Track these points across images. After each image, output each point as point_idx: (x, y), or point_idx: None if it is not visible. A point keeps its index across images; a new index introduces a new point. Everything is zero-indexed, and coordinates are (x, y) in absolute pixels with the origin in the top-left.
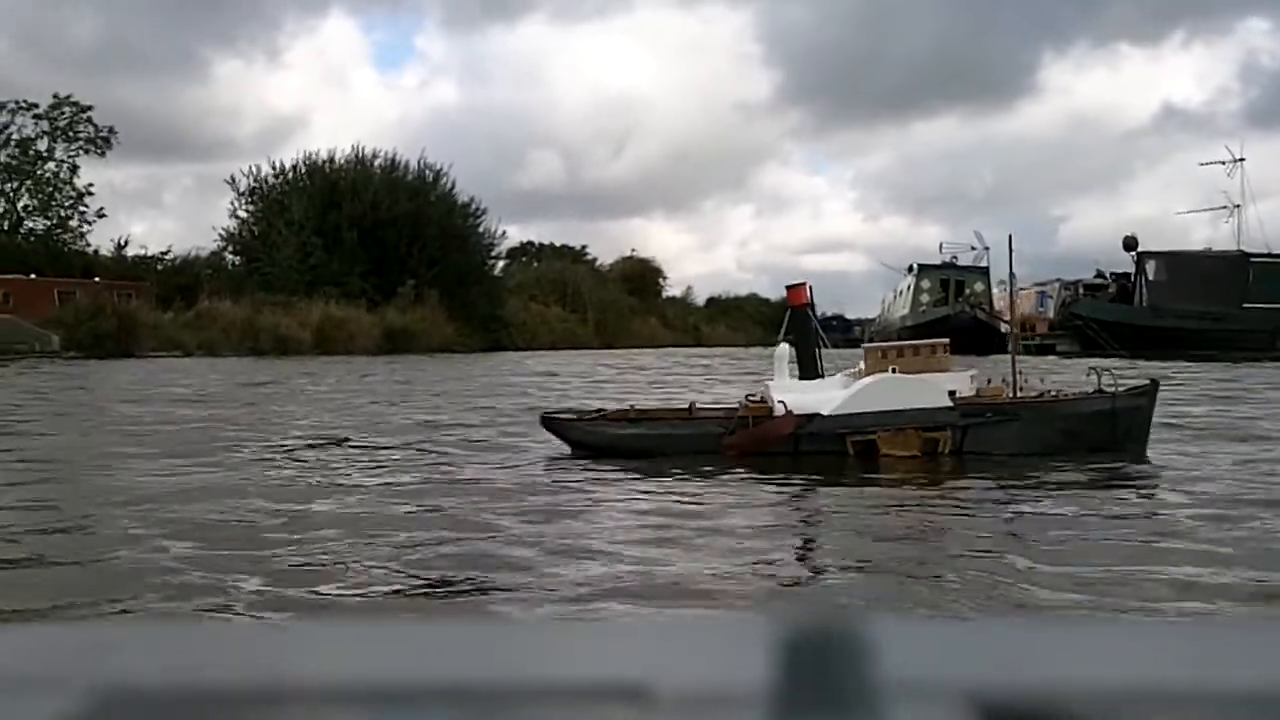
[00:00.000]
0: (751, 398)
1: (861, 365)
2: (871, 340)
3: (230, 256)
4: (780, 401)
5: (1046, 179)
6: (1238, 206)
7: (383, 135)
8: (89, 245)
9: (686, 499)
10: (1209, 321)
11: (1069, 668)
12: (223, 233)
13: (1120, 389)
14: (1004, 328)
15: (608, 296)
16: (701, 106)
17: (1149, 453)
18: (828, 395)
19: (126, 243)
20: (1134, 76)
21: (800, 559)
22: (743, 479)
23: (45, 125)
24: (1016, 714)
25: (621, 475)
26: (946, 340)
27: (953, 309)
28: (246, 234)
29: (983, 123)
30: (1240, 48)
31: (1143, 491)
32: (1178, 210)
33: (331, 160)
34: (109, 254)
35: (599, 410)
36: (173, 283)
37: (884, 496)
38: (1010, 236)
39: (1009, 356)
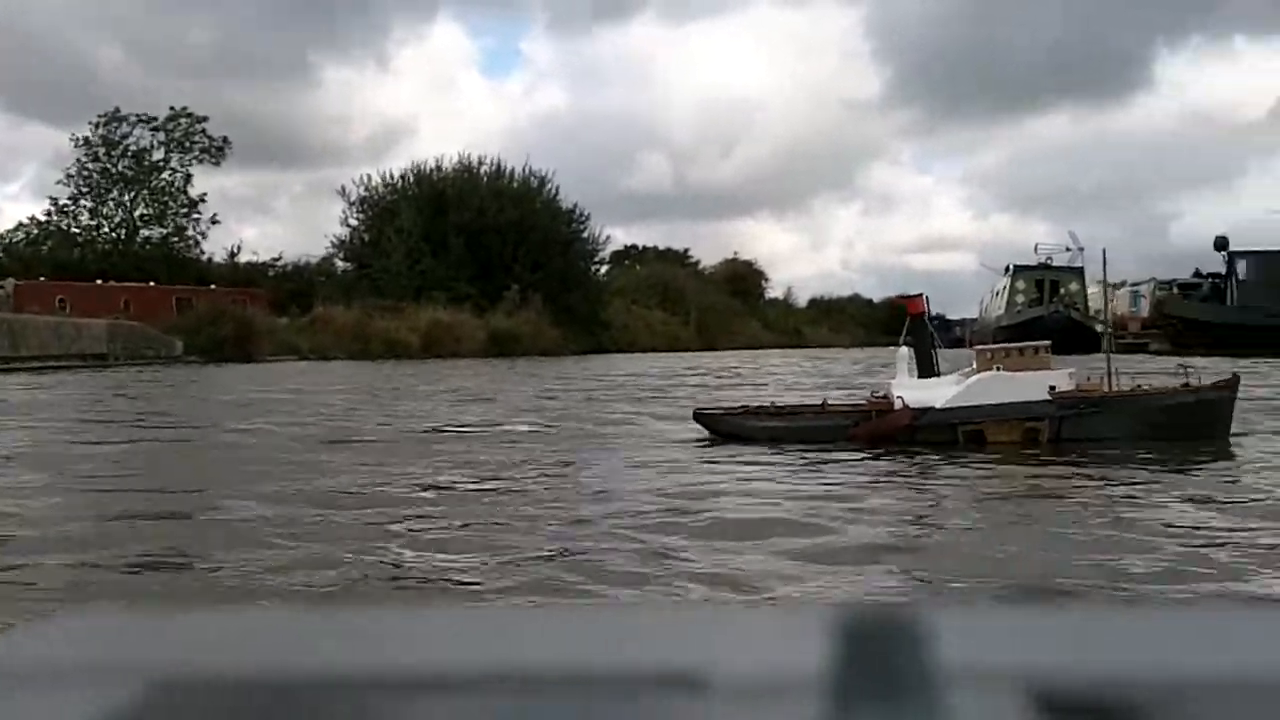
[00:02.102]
0: (876, 394)
1: (974, 364)
2: (970, 339)
3: (340, 263)
4: (899, 397)
5: (1158, 175)
6: None
7: (489, 140)
8: (203, 253)
9: (824, 479)
10: None
11: (1131, 655)
12: (334, 240)
13: (1204, 383)
14: (1098, 328)
15: (709, 299)
16: (810, 105)
17: (1232, 441)
18: (941, 391)
19: (239, 250)
20: (1249, 70)
21: (908, 526)
22: (865, 460)
23: (161, 136)
24: (1077, 702)
25: (765, 459)
26: (1049, 342)
27: (1047, 309)
28: (357, 241)
29: (1095, 119)
30: None
31: (1218, 474)
32: (1270, 209)
33: (439, 168)
34: (222, 261)
35: (743, 405)
36: (284, 288)
37: (987, 479)
38: (1104, 250)
39: (1104, 355)
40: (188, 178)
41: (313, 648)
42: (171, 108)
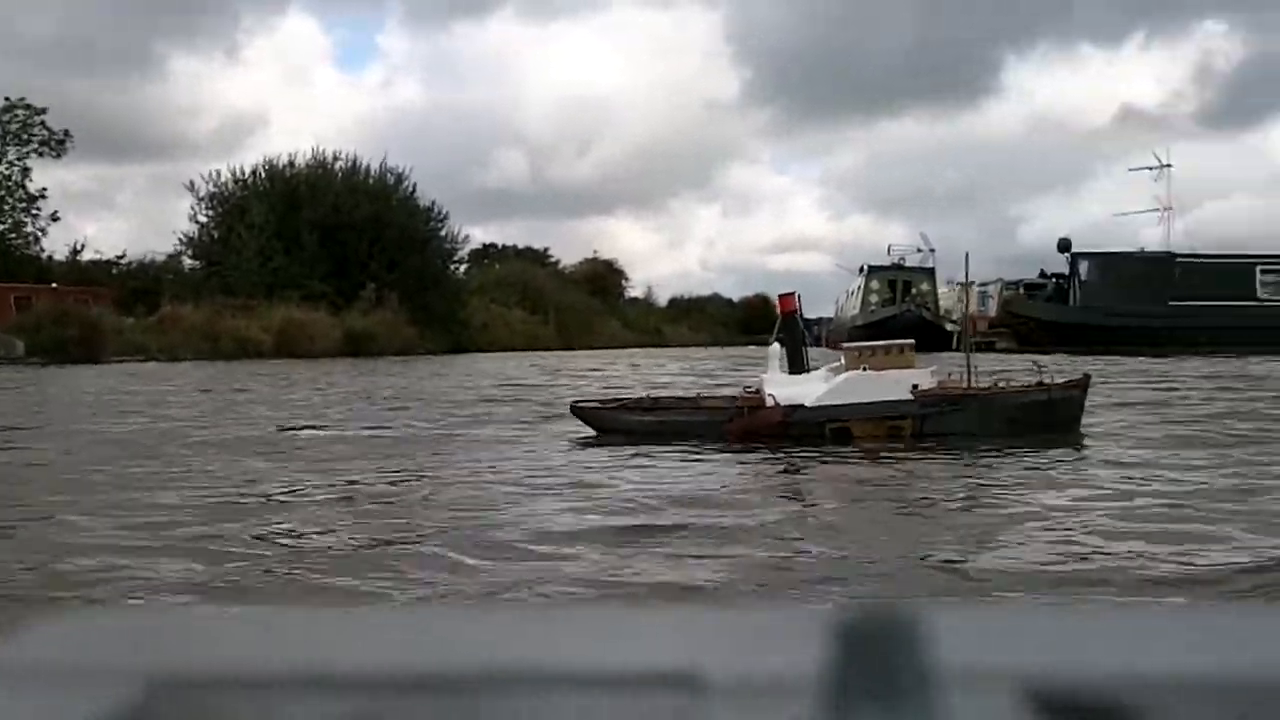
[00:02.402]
0: (748, 390)
1: (841, 362)
2: (827, 338)
3: (189, 260)
4: (770, 394)
5: (1008, 179)
6: (1169, 210)
7: (344, 134)
8: (43, 250)
9: (695, 473)
10: (1136, 319)
11: (1126, 654)
12: (182, 237)
13: (1057, 382)
14: (949, 326)
15: (569, 298)
16: (670, 105)
17: (1082, 435)
18: (810, 389)
19: (82, 247)
20: (1096, 77)
21: (776, 509)
22: (738, 455)
23: None
24: (1073, 701)
25: (640, 452)
26: (912, 341)
27: (899, 309)
28: (206, 238)
29: (948, 123)
30: (1197, 50)
31: (1070, 465)
32: (1115, 213)
33: (292, 164)
34: (64, 258)
35: (619, 400)
36: (129, 286)
37: (854, 472)
38: (967, 255)
39: (957, 354)
40: (25, 171)
41: (310, 646)
42: (6, 98)
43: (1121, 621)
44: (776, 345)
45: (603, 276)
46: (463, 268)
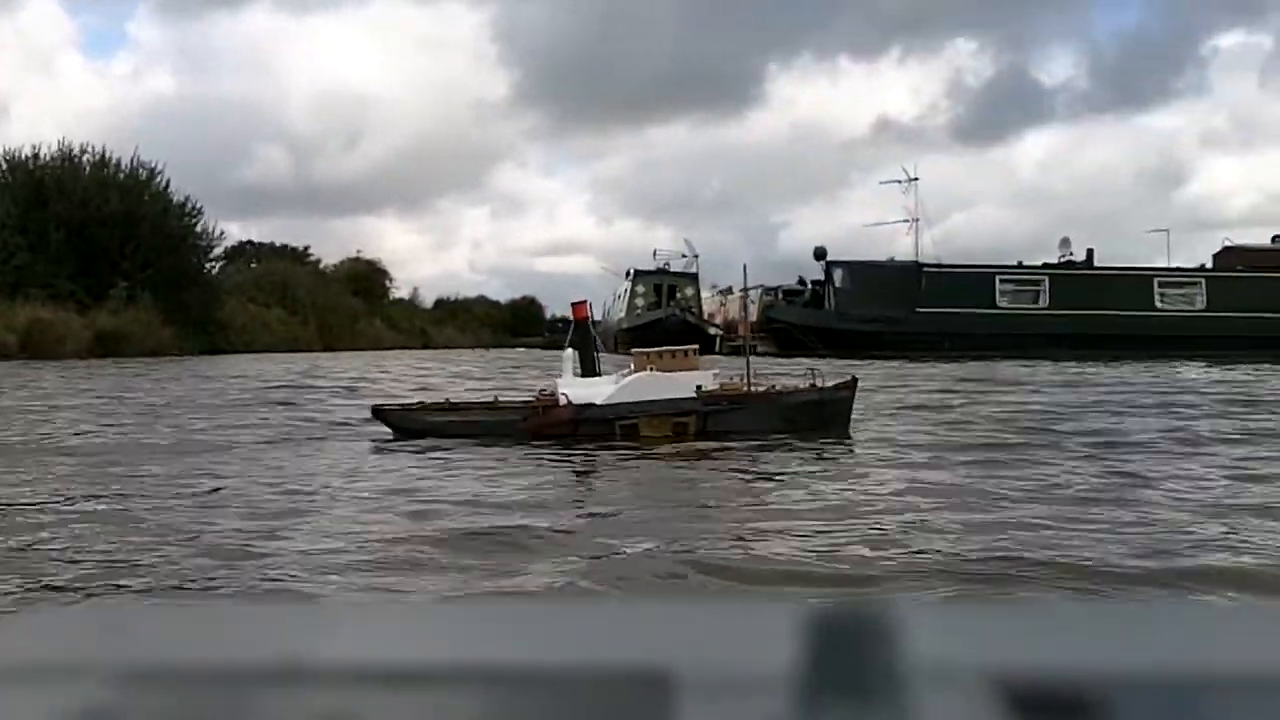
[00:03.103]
0: (544, 391)
1: (632, 365)
2: (597, 340)
3: None
4: (564, 394)
5: (771, 186)
6: (917, 220)
7: (93, 126)
8: None
9: (494, 468)
10: (886, 324)
11: (1096, 650)
12: None
13: (828, 384)
14: (712, 330)
15: (330, 299)
16: (438, 104)
17: (851, 431)
18: (601, 389)
19: None
20: (853, 90)
21: (571, 504)
22: (535, 453)
23: None
24: (1043, 697)
25: (442, 453)
26: (697, 345)
27: (664, 312)
28: None
29: (713, 130)
30: (949, 66)
31: (839, 459)
32: (866, 223)
33: (36, 156)
34: None
35: (420, 401)
36: None
37: (642, 464)
38: (745, 266)
39: (720, 357)
40: None
41: (273, 641)
42: None
43: (1089, 618)
44: (570, 349)
45: (366, 276)
46: (219, 266)
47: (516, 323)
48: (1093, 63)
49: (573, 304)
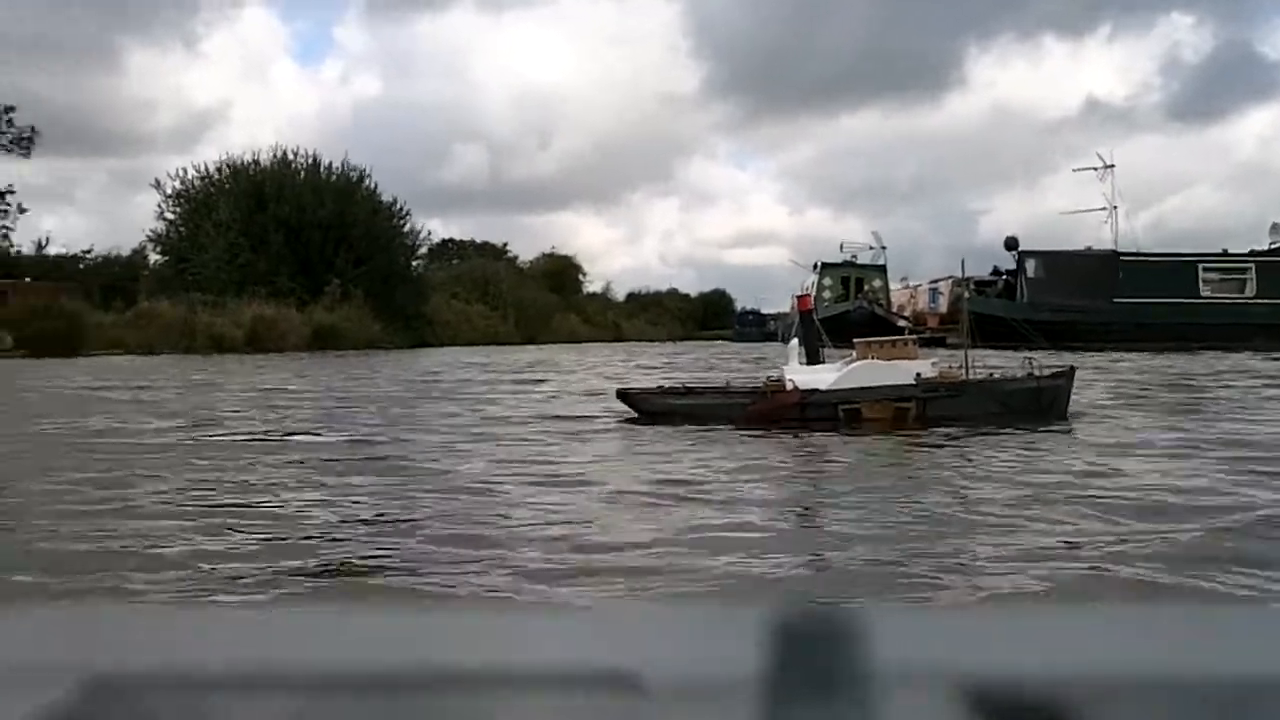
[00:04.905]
0: (771, 379)
1: (854, 354)
2: (783, 333)
3: (156, 256)
4: (790, 380)
5: (969, 172)
6: (1115, 208)
7: (303, 128)
8: (11, 245)
9: (725, 449)
10: (1081, 315)
11: (1059, 654)
12: (150, 233)
13: (1045, 372)
14: (900, 322)
15: (528, 294)
16: (628, 98)
17: (1069, 421)
18: (826, 376)
19: (48, 242)
20: (1058, 70)
21: (797, 489)
22: (762, 436)
23: None
24: (1007, 700)
25: (681, 433)
26: (916, 336)
27: (852, 305)
28: (174, 235)
29: (907, 116)
30: (1163, 42)
31: (1060, 446)
32: (1062, 211)
33: (256, 161)
34: (30, 253)
35: (659, 385)
36: (94, 282)
37: (867, 448)
38: (963, 260)
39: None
40: None
41: (248, 645)
42: None
43: (1055, 622)
44: (795, 340)
45: (561, 272)
46: (424, 263)
47: (707, 315)
48: None
49: (797, 297)
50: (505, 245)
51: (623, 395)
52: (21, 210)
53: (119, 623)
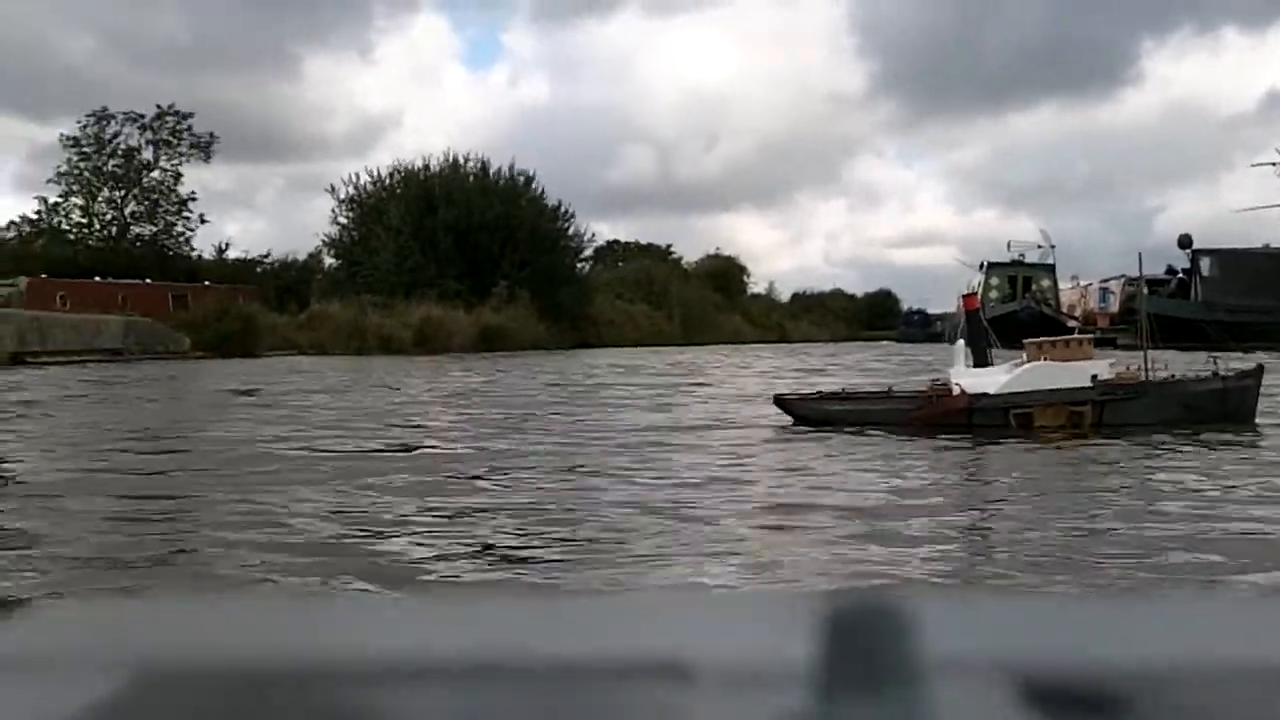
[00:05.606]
0: (936, 382)
1: (1025, 355)
2: (949, 334)
3: (329, 259)
4: (957, 384)
5: (1143, 169)
6: None
7: (473, 133)
8: (193, 249)
9: (887, 457)
10: (1259, 315)
11: (1115, 644)
12: (325, 238)
13: (1230, 373)
14: (1070, 322)
15: (692, 294)
16: (794, 99)
17: (1258, 425)
18: (994, 379)
19: (228, 246)
20: (1237, 64)
21: (963, 499)
22: (928, 443)
23: (149, 135)
24: (1062, 690)
25: (840, 441)
26: (1091, 335)
27: (1019, 305)
28: (347, 239)
29: (1079, 113)
30: None
31: (1252, 454)
32: (1236, 209)
33: (427, 166)
34: (211, 257)
35: (818, 391)
36: (272, 285)
37: (1043, 454)
38: (1140, 255)
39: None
40: (177, 176)
41: (297, 635)
42: (159, 106)
43: (1108, 611)
44: (961, 341)
45: (725, 272)
46: (588, 265)
47: (871, 315)
48: None
49: (963, 296)
50: (669, 246)
51: (779, 401)
52: (203, 220)
53: (170, 613)
